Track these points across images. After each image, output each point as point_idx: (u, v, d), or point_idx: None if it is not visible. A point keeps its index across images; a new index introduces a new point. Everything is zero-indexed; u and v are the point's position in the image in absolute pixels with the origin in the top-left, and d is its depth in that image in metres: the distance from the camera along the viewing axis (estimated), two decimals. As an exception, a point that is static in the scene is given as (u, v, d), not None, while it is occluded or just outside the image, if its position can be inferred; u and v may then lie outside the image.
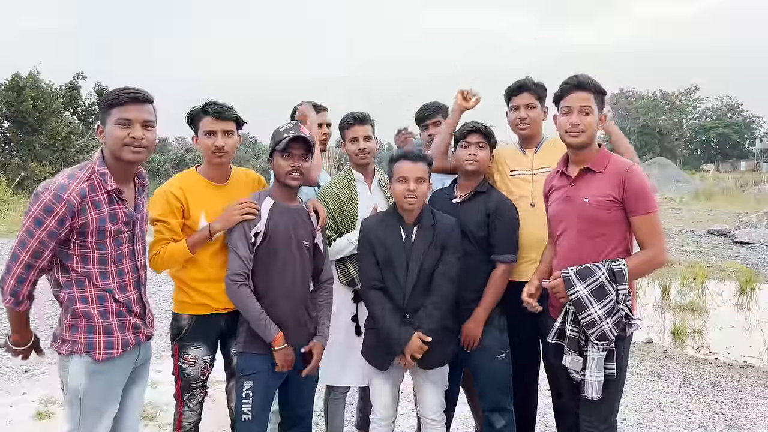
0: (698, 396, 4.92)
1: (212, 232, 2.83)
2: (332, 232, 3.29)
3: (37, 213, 2.22)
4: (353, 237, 3.23)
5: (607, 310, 2.56)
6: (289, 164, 2.84)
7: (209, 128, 2.90)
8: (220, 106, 2.93)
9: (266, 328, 2.76)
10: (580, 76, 2.76)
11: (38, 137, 20.31)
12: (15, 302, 2.31)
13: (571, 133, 2.74)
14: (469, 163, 3.12)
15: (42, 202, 2.22)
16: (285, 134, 2.85)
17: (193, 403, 3.00)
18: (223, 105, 2.94)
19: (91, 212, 2.29)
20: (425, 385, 3.09)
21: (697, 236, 13.79)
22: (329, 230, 3.27)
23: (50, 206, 2.21)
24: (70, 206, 2.23)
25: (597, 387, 2.62)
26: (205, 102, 2.96)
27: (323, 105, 3.73)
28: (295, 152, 2.85)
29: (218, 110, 2.90)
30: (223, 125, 2.91)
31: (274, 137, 2.90)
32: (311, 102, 3.59)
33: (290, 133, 2.84)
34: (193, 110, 2.97)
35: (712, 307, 7.99)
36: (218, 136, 2.90)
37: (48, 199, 2.22)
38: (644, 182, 2.68)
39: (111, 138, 2.35)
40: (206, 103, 2.95)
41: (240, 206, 2.83)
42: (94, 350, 2.35)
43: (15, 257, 2.26)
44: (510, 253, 3.08)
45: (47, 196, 2.23)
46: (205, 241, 2.85)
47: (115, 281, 2.41)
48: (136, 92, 2.37)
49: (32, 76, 20.43)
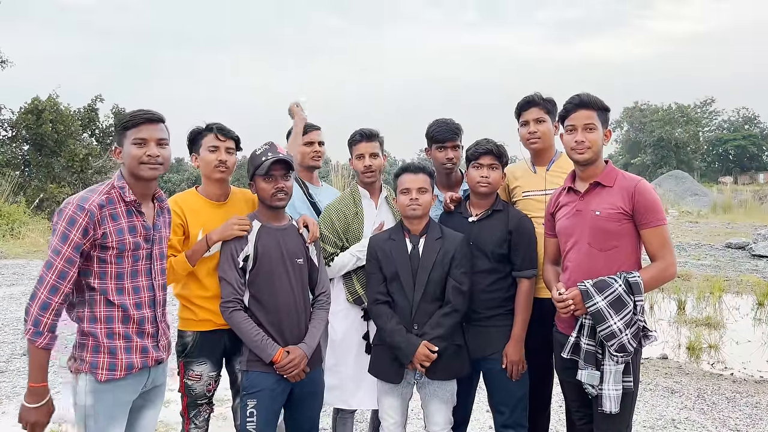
0: (713, 412, 4.85)
1: (209, 243, 2.89)
2: (337, 248, 3.30)
3: (63, 227, 2.28)
4: (356, 250, 3.25)
5: (625, 322, 2.59)
6: (272, 186, 2.89)
7: (213, 144, 3.03)
8: (222, 125, 3.08)
9: (264, 348, 2.79)
10: (582, 94, 2.83)
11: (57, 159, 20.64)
12: (35, 332, 2.25)
13: (577, 150, 2.79)
14: (481, 185, 3.14)
15: (66, 214, 2.30)
16: (263, 158, 2.89)
17: (200, 420, 3.02)
18: (225, 125, 3.09)
19: (109, 224, 2.36)
20: (433, 401, 3.09)
21: (715, 250, 13.64)
22: (333, 247, 3.29)
23: (74, 217, 2.29)
24: (92, 215, 2.30)
25: (616, 400, 2.62)
26: (207, 124, 3.10)
27: (316, 124, 3.75)
28: (277, 174, 2.89)
29: (221, 128, 3.06)
30: (226, 143, 3.05)
31: (253, 161, 2.94)
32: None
33: (268, 156, 2.89)
34: (195, 129, 3.09)
35: (729, 321, 7.88)
36: (221, 151, 3.03)
37: (71, 211, 2.30)
38: (654, 195, 2.74)
39: (128, 157, 2.44)
40: (209, 123, 3.09)
41: (239, 220, 2.89)
42: (97, 370, 2.38)
43: (41, 280, 2.29)
44: (533, 268, 3.11)
45: (70, 208, 2.31)
46: (203, 252, 2.90)
47: (131, 297, 2.45)
48: (149, 113, 2.48)
49: (51, 99, 20.82)
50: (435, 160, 3.54)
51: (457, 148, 3.50)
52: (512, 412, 3.11)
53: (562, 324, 2.91)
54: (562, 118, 2.89)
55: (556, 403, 4.10)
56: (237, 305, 2.84)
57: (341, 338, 3.31)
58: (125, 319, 2.43)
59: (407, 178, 3.08)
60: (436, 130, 3.50)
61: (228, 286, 2.84)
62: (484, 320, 3.11)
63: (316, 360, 3.01)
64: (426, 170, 3.12)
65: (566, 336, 2.79)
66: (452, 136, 3.48)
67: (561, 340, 2.84)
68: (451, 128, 3.49)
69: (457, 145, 3.50)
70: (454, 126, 3.51)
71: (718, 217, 21.75)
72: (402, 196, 3.09)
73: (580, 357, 2.72)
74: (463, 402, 3.24)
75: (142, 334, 2.48)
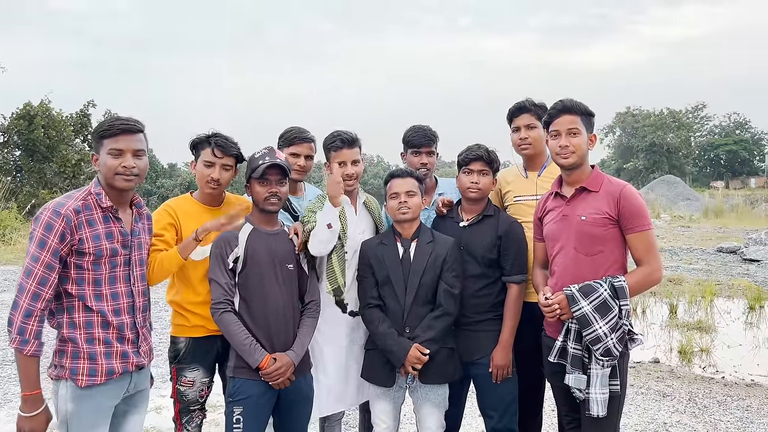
0: (704, 415, 4.87)
1: (199, 235, 2.78)
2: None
3: (41, 234, 2.27)
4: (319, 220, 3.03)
5: (611, 326, 2.59)
6: (266, 190, 2.89)
7: (209, 159, 2.98)
8: (224, 140, 3.00)
9: (251, 353, 2.77)
10: (565, 100, 2.85)
11: (49, 165, 20.54)
12: (22, 341, 2.24)
13: (561, 155, 2.81)
14: (471, 191, 3.16)
15: (42, 221, 2.29)
16: (261, 161, 2.88)
17: (192, 426, 3.01)
18: (228, 139, 3.01)
19: (86, 230, 2.34)
20: (425, 406, 3.10)
21: (706, 254, 13.72)
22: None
23: (50, 223, 2.28)
24: (68, 220, 2.29)
25: (602, 404, 2.63)
26: (211, 132, 3.03)
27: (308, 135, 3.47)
28: (272, 178, 2.89)
29: (221, 144, 2.98)
30: (223, 160, 2.99)
31: (251, 164, 2.93)
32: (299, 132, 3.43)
33: (266, 159, 2.88)
34: (197, 138, 3.04)
35: (721, 325, 7.92)
36: (216, 169, 2.98)
37: (47, 216, 2.29)
38: (639, 200, 2.74)
39: (104, 167, 2.43)
40: (212, 134, 3.02)
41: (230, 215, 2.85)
42: (77, 376, 2.36)
43: (22, 289, 2.28)
44: (522, 273, 3.13)
45: (47, 214, 2.30)
46: (194, 245, 2.81)
47: (109, 303, 2.43)
48: (127, 123, 2.44)
49: (43, 105, 20.75)
50: (410, 164, 3.57)
51: (431, 155, 3.56)
52: (501, 417, 3.12)
53: (549, 328, 2.93)
54: (546, 124, 2.90)
55: (549, 408, 4.11)
56: (227, 307, 2.82)
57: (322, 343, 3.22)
58: (104, 324, 2.42)
59: (396, 183, 3.13)
60: (413, 135, 3.56)
61: (218, 287, 2.83)
62: (473, 324, 3.13)
63: (305, 367, 2.99)
64: (414, 175, 3.18)
65: (554, 340, 2.81)
66: (428, 142, 3.53)
67: (549, 344, 2.85)
68: (427, 134, 3.55)
69: (432, 152, 3.56)
70: (431, 133, 3.57)
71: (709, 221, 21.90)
72: (392, 201, 3.11)
73: (567, 361, 2.73)
74: (455, 407, 3.25)
75: (122, 339, 2.47)
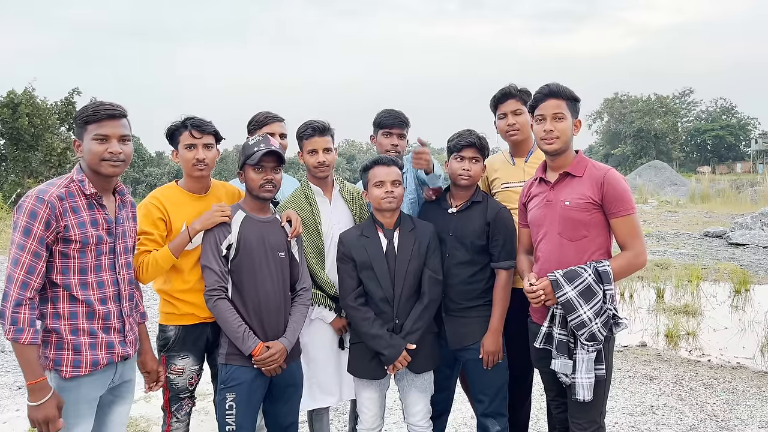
0: (690, 398, 4.93)
1: (191, 233, 2.83)
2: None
3: (25, 221, 2.24)
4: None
5: (595, 311, 2.60)
6: (261, 177, 2.87)
7: (189, 142, 2.96)
8: (200, 120, 3.00)
9: (245, 340, 2.77)
10: (551, 84, 2.81)
11: (34, 154, 20.37)
12: (16, 330, 2.19)
13: (546, 140, 2.79)
14: (462, 178, 3.13)
15: (26, 208, 2.25)
16: (256, 148, 2.87)
17: (182, 413, 3.01)
18: (202, 120, 3.01)
19: (70, 216, 2.31)
20: (411, 392, 3.11)
21: (693, 238, 13.83)
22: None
23: (34, 210, 2.24)
24: (53, 207, 2.26)
25: (588, 388, 2.64)
26: (183, 116, 3.02)
27: (279, 115, 3.60)
28: (267, 165, 2.87)
29: (197, 124, 2.97)
30: (203, 139, 2.98)
31: (245, 151, 2.92)
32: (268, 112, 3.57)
33: (261, 146, 2.87)
34: (172, 125, 3.02)
35: (707, 308, 8.00)
36: (199, 149, 2.96)
37: (31, 204, 2.25)
38: (623, 185, 2.74)
39: (89, 153, 2.39)
40: (186, 118, 3.01)
41: (220, 209, 2.86)
42: (61, 367, 2.33)
43: (10, 279, 2.24)
44: (511, 259, 3.11)
45: (30, 201, 2.26)
46: (186, 243, 2.84)
47: (96, 292, 2.40)
48: (111, 108, 2.41)
49: (27, 93, 20.51)
50: (379, 146, 3.60)
51: (402, 137, 3.60)
52: (492, 401, 3.13)
53: (535, 314, 2.94)
54: (531, 108, 2.87)
55: (537, 392, 4.14)
56: (222, 293, 2.81)
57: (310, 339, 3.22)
58: (90, 314, 2.39)
59: (381, 171, 3.05)
60: (385, 116, 3.60)
61: (212, 274, 2.81)
62: (463, 311, 3.12)
63: (295, 353, 3.00)
64: (397, 163, 3.12)
65: (539, 326, 2.81)
66: (400, 124, 3.58)
67: (534, 330, 2.86)
68: (399, 117, 3.60)
69: (402, 134, 3.60)
70: (404, 117, 3.62)
71: (696, 206, 22.04)
72: (376, 189, 3.04)
73: (552, 347, 2.74)
74: (445, 392, 3.27)
75: (108, 329, 2.44)
